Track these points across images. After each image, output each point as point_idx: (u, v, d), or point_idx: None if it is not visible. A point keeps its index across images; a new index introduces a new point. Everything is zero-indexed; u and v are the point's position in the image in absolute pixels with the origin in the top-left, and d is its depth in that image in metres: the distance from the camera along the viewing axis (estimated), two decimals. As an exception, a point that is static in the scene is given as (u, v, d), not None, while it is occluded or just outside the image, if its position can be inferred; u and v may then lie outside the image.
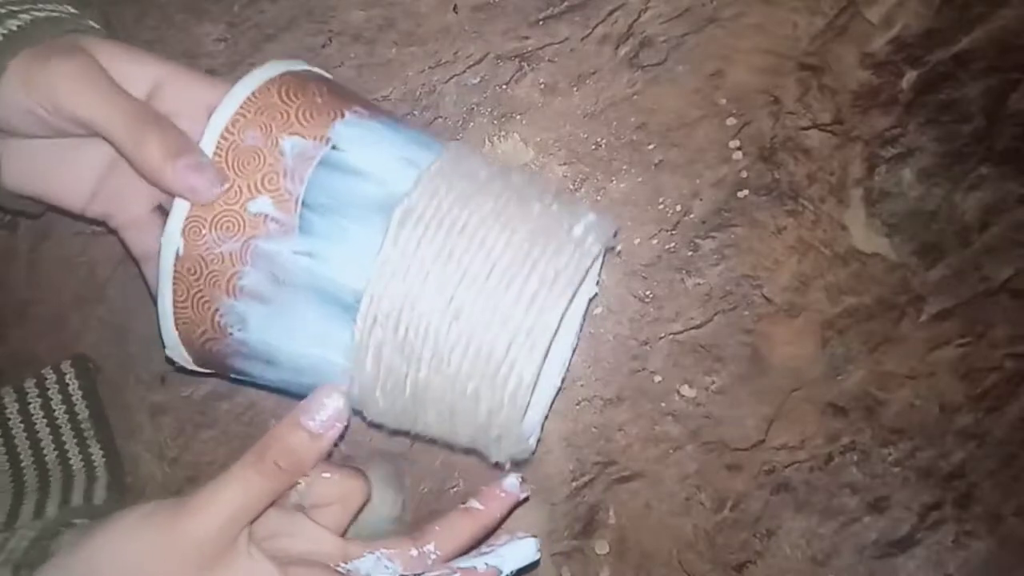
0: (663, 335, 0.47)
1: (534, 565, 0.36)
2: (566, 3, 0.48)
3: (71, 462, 0.43)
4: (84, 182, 0.38)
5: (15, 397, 0.44)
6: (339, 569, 0.34)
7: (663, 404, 0.46)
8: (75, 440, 0.44)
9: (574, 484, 0.46)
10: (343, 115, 0.34)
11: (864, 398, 0.46)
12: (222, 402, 0.47)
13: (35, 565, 0.31)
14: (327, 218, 0.33)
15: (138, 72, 0.35)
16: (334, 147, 0.33)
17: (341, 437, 0.33)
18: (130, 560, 0.30)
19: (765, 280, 0.47)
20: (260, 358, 0.35)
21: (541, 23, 0.48)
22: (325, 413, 0.32)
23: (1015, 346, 0.47)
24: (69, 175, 0.38)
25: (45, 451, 0.43)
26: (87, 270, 0.48)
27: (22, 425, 0.43)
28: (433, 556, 0.35)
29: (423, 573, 0.34)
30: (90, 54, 0.34)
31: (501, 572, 0.35)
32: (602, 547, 0.46)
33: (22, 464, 0.43)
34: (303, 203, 0.33)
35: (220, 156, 0.33)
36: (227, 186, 0.33)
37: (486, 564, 0.34)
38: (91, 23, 0.38)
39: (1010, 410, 0.46)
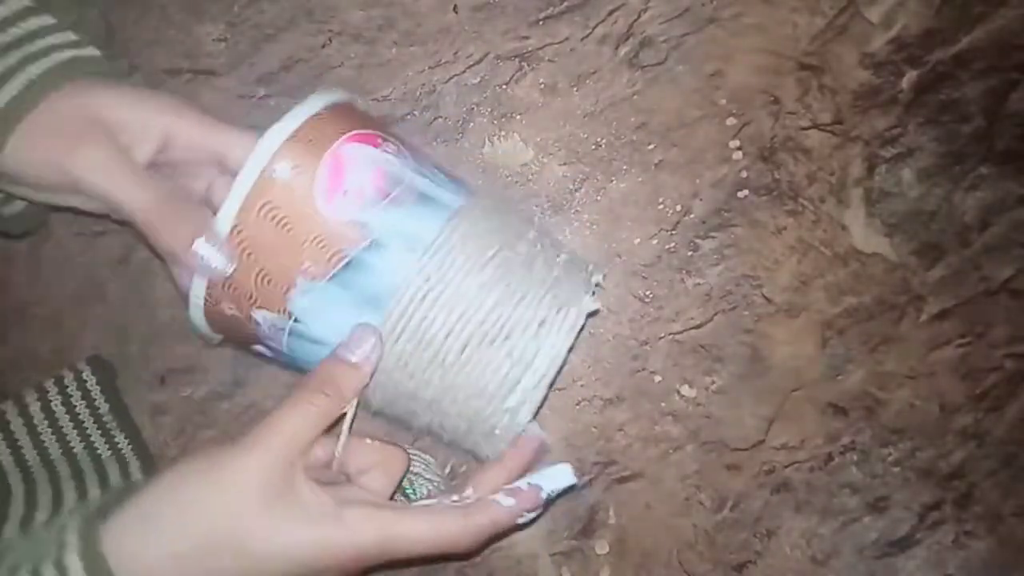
0: (663, 335, 0.47)
1: (572, 488, 0.38)
2: (566, 3, 0.48)
3: (99, 452, 0.44)
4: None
5: (36, 396, 0.44)
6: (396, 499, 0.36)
7: (663, 404, 0.46)
8: (100, 433, 0.44)
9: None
10: (295, 283, 0.35)
11: (864, 398, 0.46)
12: (222, 402, 0.47)
13: (99, 517, 0.32)
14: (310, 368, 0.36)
15: (148, 128, 0.36)
16: (295, 320, 0.35)
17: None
18: (196, 502, 0.31)
19: (765, 280, 0.47)
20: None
21: (541, 23, 0.48)
22: (362, 347, 0.35)
23: (1015, 346, 0.47)
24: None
25: (72, 444, 0.44)
26: (87, 270, 0.48)
27: (46, 422, 0.44)
28: (471, 498, 0.37)
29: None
30: (102, 119, 0.35)
31: (542, 490, 0.36)
32: (602, 547, 0.46)
33: (52, 458, 0.44)
34: (288, 356, 0.37)
35: (211, 323, 0.37)
36: (237, 268, 0.35)
37: (528, 483, 0.36)
38: (91, 51, 0.39)
39: (1010, 410, 0.46)
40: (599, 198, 0.47)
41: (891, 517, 0.46)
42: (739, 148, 0.47)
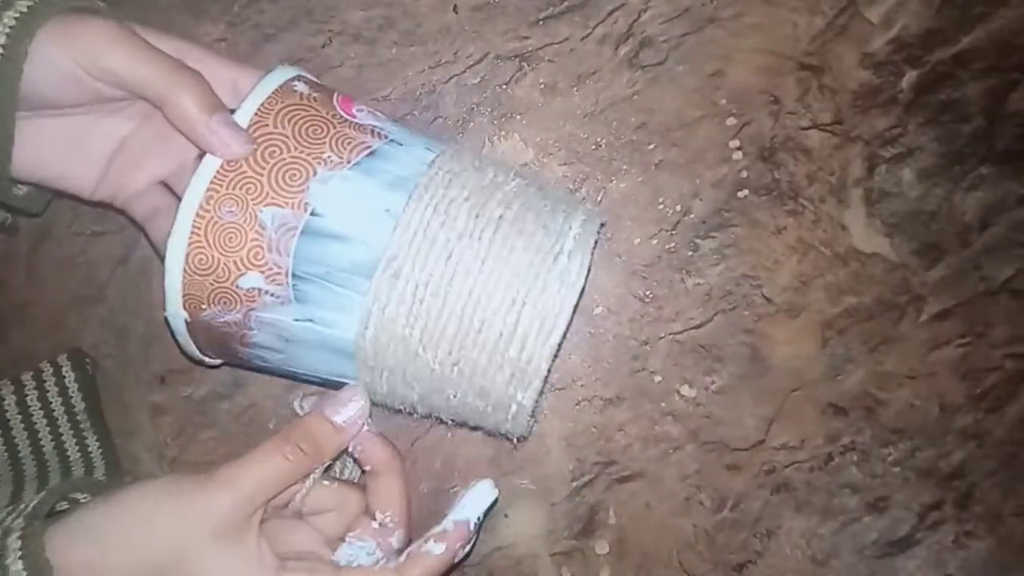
0: (663, 335, 0.47)
1: (495, 504, 0.37)
2: (566, 3, 0.48)
3: (68, 453, 0.44)
4: (93, 165, 0.39)
5: (12, 389, 0.44)
6: (325, 557, 0.36)
7: (663, 404, 0.46)
8: (72, 432, 0.44)
9: (574, 484, 0.46)
10: (315, 172, 0.33)
11: (864, 398, 0.46)
12: (222, 402, 0.47)
13: (42, 517, 0.32)
14: (320, 286, 0.34)
15: (162, 43, 0.36)
16: (313, 213, 0.33)
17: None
18: (149, 520, 0.31)
19: (765, 280, 0.47)
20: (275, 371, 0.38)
21: (541, 23, 0.48)
22: (349, 411, 0.35)
23: (1015, 346, 0.47)
24: (79, 159, 0.39)
25: (43, 442, 0.44)
26: (87, 270, 0.48)
27: (19, 417, 0.44)
28: (388, 523, 0.37)
29: (403, 550, 0.36)
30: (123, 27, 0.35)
31: (470, 521, 0.36)
32: (602, 547, 0.46)
33: (20, 455, 0.44)
34: (293, 275, 0.33)
35: (199, 235, 0.33)
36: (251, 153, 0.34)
37: (454, 522, 0.36)
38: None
39: (1010, 410, 0.46)
40: (599, 198, 0.47)
41: (891, 517, 0.46)
42: (739, 148, 0.47)
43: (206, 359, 0.39)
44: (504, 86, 0.48)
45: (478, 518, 0.37)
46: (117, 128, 0.39)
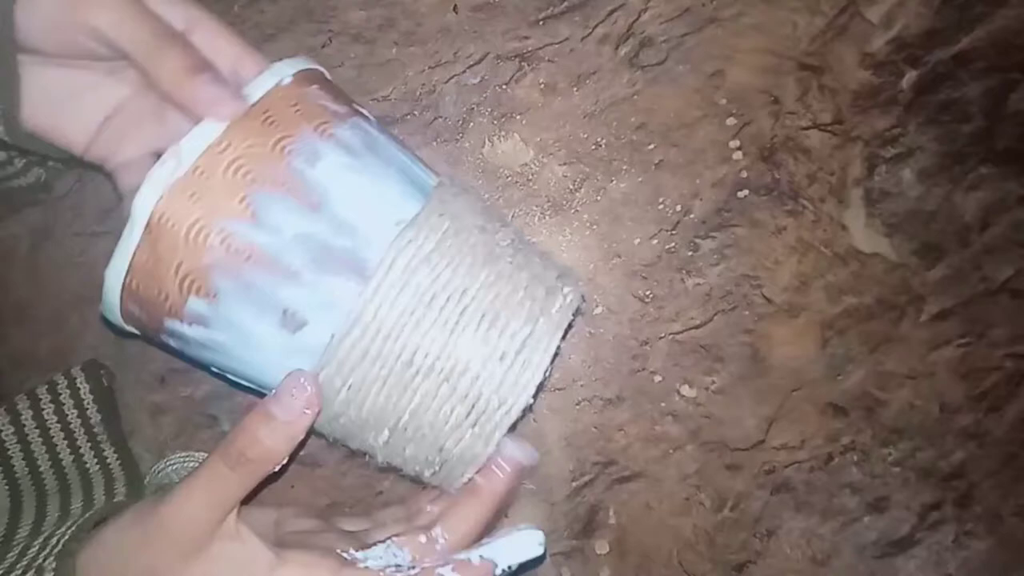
0: (663, 335, 0.47)
1: (539, 560, 0.34)
2: (566, 3, 0.48)
3: (87, 466, 0.44)
4: (87, 124, 0.38)
5: (28, 404, 0.44)
6: (344, 555, 0.34)
7: (663, 404, 0.46)
8: (89, 445, 0.44)
9: (574, 484, 0.46)
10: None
11: (864, 398, 0.46)
12: (222, 402, 0.47)
13: (75, 555, 0.32)
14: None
15: (173, 8, 0.35)
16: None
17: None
18: (125, 554, 0.32)
19: (765, 280, 0.47)
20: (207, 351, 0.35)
21: (541, 23, 0.48)
22: (294, 400, 0.31)
23: (1015, 346, 0.47)
24: (75, 114, 0.38)
25: (61, 455, 0.43)
26: (87, 270, 0.48)
27: (37, 431, 0.43)
28: (441, 541, 0.35)
29: (424, 563, 0.34)
30: None
31: (497, 566, 0.34)
32: (602, 547, 0.46)
33: (40, 469, 0.43)
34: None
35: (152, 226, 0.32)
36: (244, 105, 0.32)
37: (480, 557, 0.33)
38: None
39: (1010, 410, 0.46)
40: (599, 198, 0.47)
41: (891, 517, 0.46)
42: (739, 148, 0.47)
43: (126, 327, 0.37)
44: (504, 86, 0.48)
45: (509, 566, 0.34)
46: (114, 91, 0.38)
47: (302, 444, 0.33)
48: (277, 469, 0.32)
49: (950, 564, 0.46)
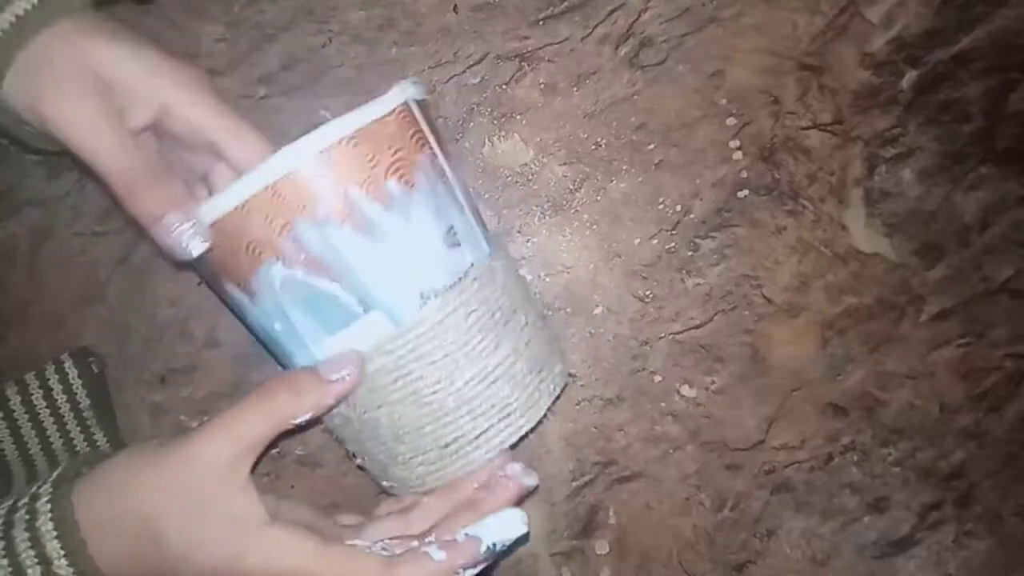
0: (663, 335, 0.47)
1: (523, 540, 0.35)
2: (566, 3, 0.48)
3: (77, 449, 0.44)
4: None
5: (16, 390, 0.44)
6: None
7: (663, 404, 0.46)
8: (79, 428, 0.45)
9: (574, 484, 0.46)
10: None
11: (864, 398, 0.46)
12: (222, 402, 0.47)
13: (71, 481, 0.32)
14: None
15: (146, 97, 0.35)
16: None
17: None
18: (136, 484, 0.32)
19: (765, 280, 0.47)
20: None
21: (541, 23, 0.48)
22: (340, 369, 0.34)
23: (1015, 346, 0.47)
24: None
25: (52, 440, 0.44)
26: (87, 270, 0.48)
27: (27, 416, 0.44)
28: (435, 544, 0.35)
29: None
30: (97, 74, 0.33)
31: (482, 542, 0.34)
32: (602, 547, 0.46)
33: (31, 452, 0.44)
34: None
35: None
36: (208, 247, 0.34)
37: (467, 535, 0.34)
38: None
39: (1010, 410, 0.46)
40: (599, 198, 0.47)
41: (891, 517, 0.46)
42: (739, 148, 0.47)
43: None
44: (504, 86, 0.48)
45: (493, 544, 0.34)
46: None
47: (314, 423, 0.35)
48: (294, 424, 0.33)
49: (950, 564, 0.46)
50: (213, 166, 0.38)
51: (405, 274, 0.34)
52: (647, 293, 0.47)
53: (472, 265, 0.36)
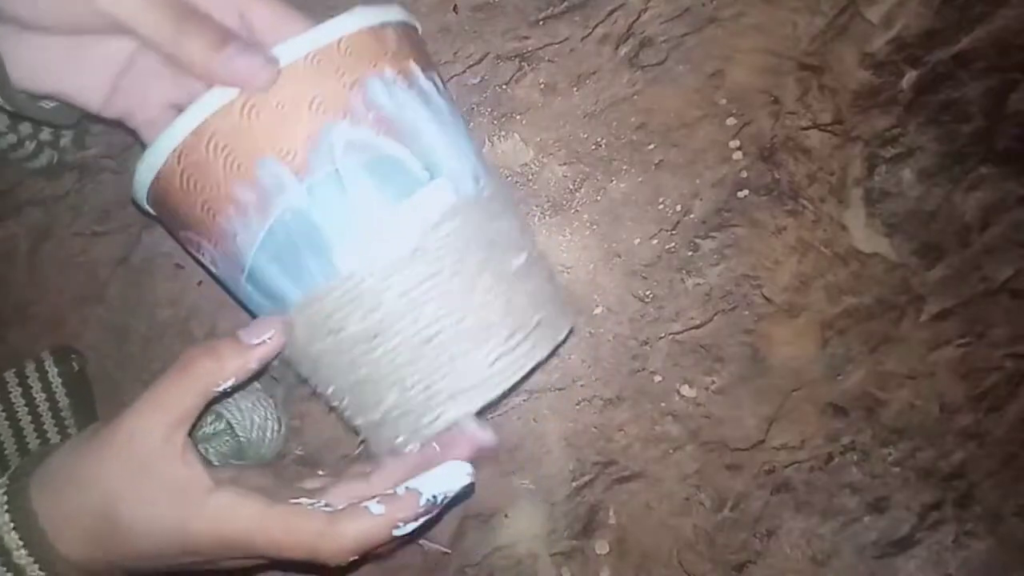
0: (663, 335, 0.47)
1: (469, 492, 0.34)
2: (566, 3, 0.48)
3: None
4: (100, 81, 0.36)
5: None
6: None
7: (663, 404, 0.46)
8: (56, 429, 0.45)
9: (574, 484, 0.46)
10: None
11: (864, 398, 0.46)
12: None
13: (29, 474, 0.33)
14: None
15: None
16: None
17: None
18: (79, 472, 0.32)
19: (765, 280, 0.47)
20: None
21: (541, 23, 0.48)
22: (261, 333, 0.33)
23: (1015, 346, 0.47)
24: (85, 73, 0.36)
25: (28, 440, 0.44)
26: (87, 270, 0.48)
27: (3, 414, 0.44)
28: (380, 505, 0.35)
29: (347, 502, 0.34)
30: None
31: (422, 495, 0.33)
32: (602, 547, 0.46)
33: (6, 452, 0.44)
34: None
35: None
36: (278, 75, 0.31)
37: (407, 488, 0.33)
38: None
39: (1010, 410, 0.46)
40: (599, 198, 0.47)
41: (891, 517, 0.46)
42: (739, 148, 0.47)
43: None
44: (504, 86, 0.48)
45: (434, 496, 0.33)
46: (123, 44, 0.35)
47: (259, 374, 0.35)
48: (219, 389, 0.33)
49: (950, 564, 0.46)
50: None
51: (462, 149, 0.34)
52: (647, 293, 0.47)
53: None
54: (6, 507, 0.31)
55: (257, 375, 0.34)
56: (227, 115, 0.31)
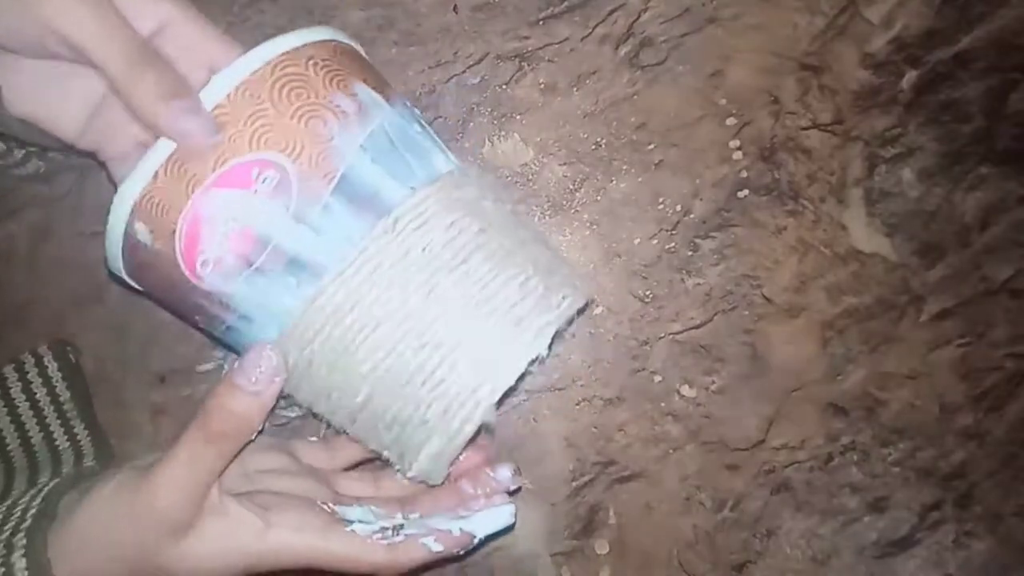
0: (663, 335, 0.47)
1: (509, 529, 0.37)
2: (566, 3, 0.48)
3: (57, 443, 0.44)
4: (76, 113, 0.36)
5: None
6: (324, 507, 0.35)
7: (663, 404, 0.46)
8: (59, 422, 0.44)
9: (574, 484, 0.46)
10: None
11: (864, 398, 0.46)
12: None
13: (44, 531, 0.32)
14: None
15: (147, 7, 0.33)
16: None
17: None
18: (111, 531, 0.32)
19: (765, 280, 0.47)
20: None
21: (541, 23, 0.48)
22: (260, 371, 0.32)
23: (1015, 346, 0.47)
24: (61, 104, 0.36)
25: (30, 433, 0.44)
26: (87, 270, 0.48)
27: (5, 409, 0.44)
28: (415, 518, 0.37)
29: (400, 528, 0.36)
30: None
31: (475, 537, 0.36)
32: (602, 547, 0.46)
33: (8, 447, 0.44)
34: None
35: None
36: (220, 138, 0.31)
37: (461, 529, 0.35)
38: None
39: (1010, 410, 0.46)
40: (599, 198, 0.47)
41: (891, 517, 0.46)
42: (739, 148, 0.47)
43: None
44: (504, 86, 0.48)
45: (486, 535, 0.36)
46: (97, 80, 0.35)
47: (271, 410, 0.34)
48: (254, 438, 0.33)
49: (950, 564, 0.46)
50: None
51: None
52: (647, 293, 0.47)
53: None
54: (26, 574, 0.31)
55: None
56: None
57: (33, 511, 0.33)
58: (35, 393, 0.44)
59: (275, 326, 0.33)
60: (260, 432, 0.33)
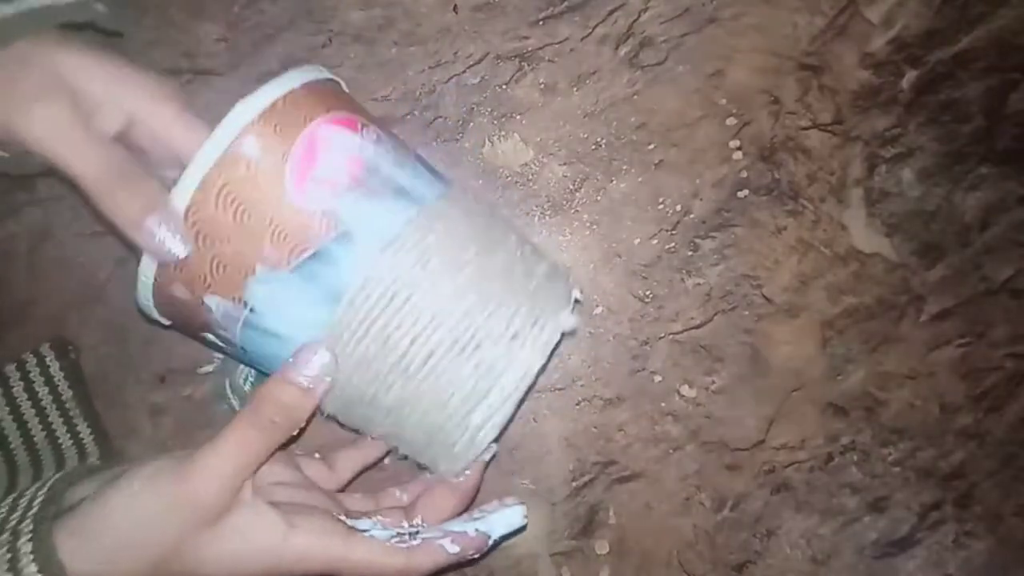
0: (663, 335, 0.47)
1: (521, 530, 0.38)
2: (566, 3, 0.48)
3: (60, 441, 0.44)
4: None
5: None
6: (340, 518, 0.36)
7: (663, 404, 0.46)
8: (61, 420, 0.44)
9: (574, 484, 0.46)
10: (253, 270, 0.33)
11: (864, 398, 0.46)
12: (222, 402, 0.47)
13: (51, 518, 0.32)
14: (263, 366, 0.36)
15: (114, 106, 0.35)
16: (251, 310, 0.33)
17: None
18: (141, 519, 0.31)
19: (765, 280, 0.47)
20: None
21: (541, 23, 0.48)
22: (312, 368, 0.33)
23: (1015, 346, 0.47)
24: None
25: (33, 432, 0.44)
26: (87, 270, 0.48)
27: (7, 408, 0.44)
28: (423, 527, 0.38)
29: (416, 533, 0.36)
30: (65, 82, 0.33)
31: (490, 537, 0.36)
32: (602, 547, 0.46)
33: (11, 446, 0.44)
34: (242, 348, 0.35)
35: (160, 305, 0.35)
36: (191, 252, 0.33)
37: (476, 530, 0.36)
38: (98, 5, 0.37)
39: (1010, 410, 0.46)
40: (599, 198, 0.47)
41: (891, 517, 0.46)
42: (739, 148, 0.47)
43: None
44: (504, 86, 0.48)
45: (500, 536, 0.37)
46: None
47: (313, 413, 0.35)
48: (296, 432, 0.34)
49: (950, 564, 0.46)
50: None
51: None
52: (647, 293, 0.47)
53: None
54: (32, 557, 0.30)
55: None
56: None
57: (40, 499, 0.33)
58: (38, 392, 0.44)
59: (382, 252, 0.33)
60: (299, 435, 0.34)
